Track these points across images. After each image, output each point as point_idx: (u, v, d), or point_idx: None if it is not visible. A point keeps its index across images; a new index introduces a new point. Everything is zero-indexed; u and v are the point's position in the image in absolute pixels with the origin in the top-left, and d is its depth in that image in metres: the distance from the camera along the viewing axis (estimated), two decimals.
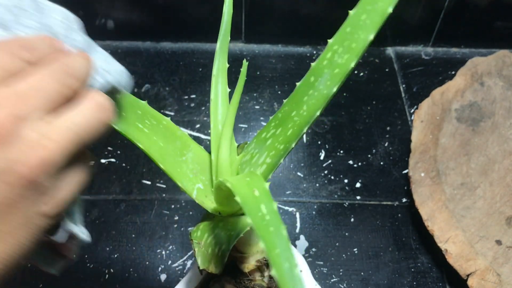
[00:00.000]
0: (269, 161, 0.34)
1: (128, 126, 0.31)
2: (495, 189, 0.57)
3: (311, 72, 0.31)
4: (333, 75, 0.30)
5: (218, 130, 0.36)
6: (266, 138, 0.34)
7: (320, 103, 0.31)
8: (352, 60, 0.29)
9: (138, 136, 0.31)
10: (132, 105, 0.31)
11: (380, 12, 0.28)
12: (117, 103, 0.29)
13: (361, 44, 0.29)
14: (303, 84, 0.32)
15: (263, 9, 0.75)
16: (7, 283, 0.22)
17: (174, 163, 0.34)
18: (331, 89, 0.30)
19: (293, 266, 0.20)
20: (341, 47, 0.29)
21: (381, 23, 0.28)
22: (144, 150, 0.31)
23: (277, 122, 0.34)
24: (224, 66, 0.37)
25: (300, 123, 0.32)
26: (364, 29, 0.28)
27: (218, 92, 0.37)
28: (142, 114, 0.32)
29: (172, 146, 0.34)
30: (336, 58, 0.30)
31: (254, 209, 0.23)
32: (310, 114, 0.31)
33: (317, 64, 0.31)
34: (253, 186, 0.25)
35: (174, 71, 0.76)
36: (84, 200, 0.61)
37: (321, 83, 0.31)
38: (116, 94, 0.28)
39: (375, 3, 0.28)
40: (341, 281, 0.55)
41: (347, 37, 0.29)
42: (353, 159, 0.66)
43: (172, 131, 0.34)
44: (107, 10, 0.75)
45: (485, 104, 0.64)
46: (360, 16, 0.29)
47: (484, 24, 0.77)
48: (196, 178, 0.35)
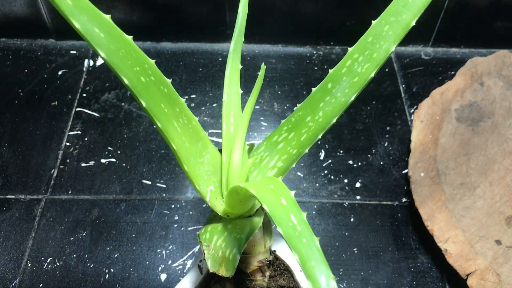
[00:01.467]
0: (280, 165, 0.34)
1: (168, 124, 0.30)
2: (495, 189, 0.57)
3: (329, 79, 0.31)
4: (352, 84, 0.30)
5: (230, 132, 0.36)
6: (277, 141, 0.34)
7: (337, 110, 0.31)
8: (372, 70, 0.29)
9: (173, 135, 0.30)
10: (174, 102, 0.31)
11: (404, 25, 0.28)
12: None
13: (383, 54, 0.29)
14: (319, 90, 0.32)
15: (263, 9, 0.75)
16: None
17: (195, 165, 0.33)
18: (350, 97, 0.30)
19: (329, 279, 0.20)
20: (362, 55, 0.30)
21: (404, 35, 0.28)
22: (176, 150, 0.31)
23: (290, 126, 0.33)
24: (237, 68, 0.37)
25: (315, 129, 0.32)
26: (386, 40, 0.29)
27: (231, 94, 0.37)
28: (179, 112, 0.31)
29: (195, 147, 0.33)
30: (356, 66, 0.30)
31: (284, 219, 0.22)
32: (326, 121, 0.31)
33: (335, 71, 0.31)
34: (279, 194, 0.24)
35: (174, 71, 0.76)
36: (85, 200, 0.61)
37: (339, 90, 0.31)
38: None
39: (399, 15, 0.28)
40: (341, 281, 0.55)
41: (368, 47, 0.29)
42: (353, 159, 0.66)
43: (198, 131, 0.34)
44: (107, 10, 0.75)
45: (485, 104, 0.64)
46: (383, 27, 0.29)
47: (484, 24, 0.77)
48: (209, 180, 0.35)
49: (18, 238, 0.58)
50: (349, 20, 0.75)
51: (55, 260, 0.56)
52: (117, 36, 0.26)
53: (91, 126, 0.68)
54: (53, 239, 0.57)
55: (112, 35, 0.26)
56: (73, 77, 0.75)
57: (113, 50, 0.26)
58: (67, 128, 0.68)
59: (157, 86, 0.29)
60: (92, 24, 0.25)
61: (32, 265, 0.55)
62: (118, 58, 0.26)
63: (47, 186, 0.62)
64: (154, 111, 0.28)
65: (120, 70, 0.26)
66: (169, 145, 0.30)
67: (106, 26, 0.25)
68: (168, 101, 0.30)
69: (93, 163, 0.65)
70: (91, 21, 0.25)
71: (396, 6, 0.29)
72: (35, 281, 0.54)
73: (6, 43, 0.79)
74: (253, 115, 0.71)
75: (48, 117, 0.70)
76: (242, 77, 0.74)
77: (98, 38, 0.25)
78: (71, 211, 0.60)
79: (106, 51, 0.25)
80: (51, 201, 0.61)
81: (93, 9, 0.25)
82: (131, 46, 0.27)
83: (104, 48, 0.25)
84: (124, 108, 0.71)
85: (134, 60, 0.27)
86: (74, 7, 0.24)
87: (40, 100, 0.72)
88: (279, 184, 0.25)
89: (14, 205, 0.60)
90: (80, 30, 0.24)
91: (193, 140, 0.33)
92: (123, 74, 0.26)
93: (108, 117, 0.70)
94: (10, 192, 0.62)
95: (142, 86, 0.27)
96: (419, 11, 0.29)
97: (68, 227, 0.58)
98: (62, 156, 0.65)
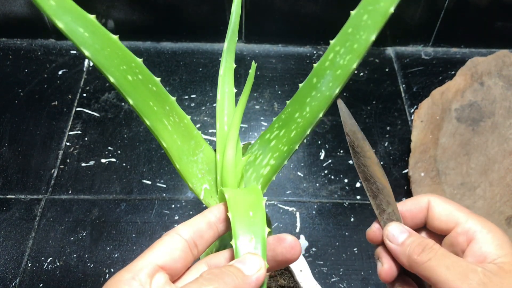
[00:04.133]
0: (273, 163, 0.34)
1: (157, 122, 0.30)
2: (495, 189, 0.57)
3: (314, 74, 0.31)
4: (336, 77, 0.30)
5: (224, 131, 0.36)
6: (269, 139, 0.34)
7: (322, 104, 0.31)
8: (354, 61, 0.29)
9: (163, 133, 0.31)
10: (163, 100, 0.31)
11: (382, 12, 0.28)
12: None
13: (363, 44, 0.29)
14: (305, 85, 0.32)
15: (263, 9, 0.75)
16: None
17: (188, 163, 0.33)
18: (334, 90, 0.30)
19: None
20: (343, 47, 0.29)
21: (383, 23, 0.28)
22: (167, 148, 0.31)
23: (281, 124, 0.33)
24: (231, 66, 0.37)
25: (303, 125, 0.32)
26: (366, 30, 0.28)
27: (224, 93, 0.37)
28: (169, 111, 0.31)
29: (187, 145, 0.33)
30: (338, 59, 0.30)
31: (244, 233, 0.25)
32: (313, 116, 0.31)
33: (319, 65, 0.31)
34: (250, 208, 0.26)
35: (174, 71, 0.76)
36: (85, 200, 0.61)
37: (324, 84, 0.31)
38: None
39: (376, 3, 0.28)
40: (341, 280, 0.55)
41: (349, 38, 0.29)
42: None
43: (190, 130, 0.34)
44: (107, 10, 0.75)
45: (485, 104, 0.64)
46: (361, 17, 0.28)
47: (484, 24, 0.77)
48: (203, 178, 0.35)
49: (18, 238, 0.57)
50: None
51: (55, 260, 0.56)
52: (102, 35, 0.26)
53: (91, 126, 0.68)
54: (53, 239, 0.57)
55: (96, 35, 0.26)
56: (73, 77, 0.75)
57: (98, 49, 0.26)
58: (67, 128, 0.68)
59: (145, 84, 0.29)
60: (76, 24, 0.25)
61: (32, 265, 0.55)
62: (103, 57, 0.26)
63: (47, 186, 0.62)
64: (142, 109, 0.29)
65: (105, 69, 0.26)
66: (159, 143, 0.31)
67: (91, 26, 0.26)
68: (157, 99, 0.30)
69: (93, 163, 0.65)
70: (75, 21, 0.25)
71: None
72: (35, 281, 0.54)
73: (6, 43, 0.79)
74: (253, 115, 0.71)
75: (48, 117, 0.70)
76: (242, 77, 0.74)
77: (83, 38, 0.25)
78: (71, 211, 0.60)
79: (91, 50, 0.26)
80: (51, 201, 0.61)
81: (77, 9, 0.25)
82: (117, 45, 0.27)
83: (88, 47, 0.26)
84: (124, 108, 0.71)
85: (120, 59, 0.27)
86: (58, 7, 0.24)
87: (40, 100, 0.72)
88: (257, 195, 0.27)
89: (14, 205, 0.60)
90: (64, 30, 0.24)
91: (185, 139, 0.33)
92: (108, 73, 0.26)
93: (108, 117, 0.70)
94: (10, 192, 0.62)
95: (129, 84, 0.28)
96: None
97: (68, 227, 0.58)
98: (62, 156, 0.65)
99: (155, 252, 0.25)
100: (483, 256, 0.27)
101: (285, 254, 0.27)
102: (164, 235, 0.26)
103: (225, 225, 0.28)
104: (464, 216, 0.29)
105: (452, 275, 0.26)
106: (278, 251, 0.27)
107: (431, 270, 0.27)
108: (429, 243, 0.28)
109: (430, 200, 0.31)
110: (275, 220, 0.60)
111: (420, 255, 0.27)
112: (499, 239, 0.27)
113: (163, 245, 0.25)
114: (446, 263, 0.26)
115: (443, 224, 0.30)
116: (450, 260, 0.27)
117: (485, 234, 0.28)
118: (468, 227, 0.28)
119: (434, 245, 0.28)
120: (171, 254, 0.25)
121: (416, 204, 0.31)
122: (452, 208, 0.30)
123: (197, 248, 0.27)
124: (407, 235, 0.29)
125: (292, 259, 0.27)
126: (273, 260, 0.27)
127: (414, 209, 0.31)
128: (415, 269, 0.28)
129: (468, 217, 0.29)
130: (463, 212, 0.29)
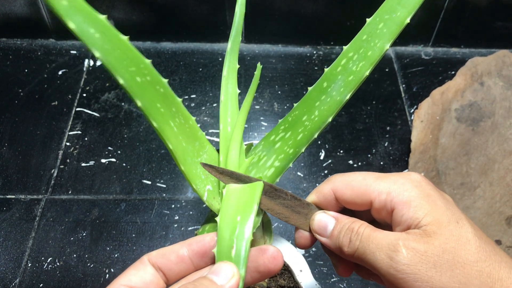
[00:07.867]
0: (277, 165, 0.34)
1: (164, 124, 0.30)
2: (495, 189, 0.57)
3: (324, 78, 0.31)
4: (347, 82, 0.30)
5: (227, 132, 0.36)
6: (275, 141, 0.34)
7: (332, 109, 0.31)
8: (367, 68, 0.29)
9: (169, 135, 0.30)
10: (170, 102, 0.31)
11: (398, 22, 0.28)
12: None
13: (377, 52, 0.29)
14: (315, 89, 0.32)
15: (263, 9, 0.75)
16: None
17: (192, 165, 0.33)
18: (345, 96, 0.30)
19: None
20: (357, 54, 0.30)
21: (398, 32, 0.28)
22: (172, 150, 0.31)
23: (287, 126, 0.33)
24: (234, 67, 0.37)
25: (311, 128, 0.32)
26: (381, 38, 0.29)
27: (228, 93, 0.37)
28: (175, 112, 0.31)
29: (192, 146, 0.33)
30: (351, 65, 0.30)
31: (225, 238, 0.25)
32: (322, 120, 0.31)
33: (331, 70, 0.31)
34: (240, 211, 0.26)
35: (174, 71, 0.76)
36: (85, 200, 0.61)
37: (334, 89, 0.31)
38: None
39: (393, 12, 0.28)
40: (341, 280, 0.55)
41: (363, 45, 0.29)
42: (353, 159, 0.66)
43: (195, 131, 0.34)
44: (107, 10, 0.75)
45: (485, 104, 0.64)
46: (377, 25, 0.29)
47: (484, 24, 0.77)
48: (206, 179, 0.35)
49: (18, 238, 0.57)
50: (349, 20, 0.75)
51: (55, 260, 0.56)
52: (112, 36, 0.26)
53: (91, 126, 0.68)
54: (53, 239, 0.57)
55: (107, 35, 0.26)
56: (73, 77, 0.75)
57: (108, 50, 0.26)
58: (67, 128, 0.68)
59: (153, 86, 0.29)
60: (87, 25, 0.25)
61: (32, 265, 0.55)
62: (114, 58, 0.26)
63: (47, 186, 0.62)
64: (149, 111, 0.28)
65: (115, 70, 0.26)
66: (165, 144, 0.30)
67: (102, 26, 0.25)
68: (164, 100, 0.30)
69: (93, 163, 0.64)
70: (86, 21, 0.25)
71: (391, 3, 0.29)
72: (35, 281, 0.54)
73: (6, 43, 0.79)
74: (253, 115, 0.71)
75: (48, 117, 0.70)
76: (242, 77, 0.74)
77: (93, 38, 0.25)
78: (71, 211, 0.60)
79: (101, 51, 0.25)
80: (51, 201, 0.61)
81: (88, 9, 0.25)
82: (127, 46, 0.27)
83: (99, 48, 0.25)
84: (124, 108, 0.71)
85: (129, 60, 0.27)
86: (69, 8, 0.24)
87: (40, 100, 0.72)
88: (250, 200, 0.28)
89: (14, 205, 0.60)
90: (75, 31, 0.24)
91: (190, 140, 0.33)
92: (118, 74, 0.26)
93: (108, 117, 0.70)
94: (10, 192, 0.62)
95: (138, 86, 0.27)
96: (414, 8, 0.28)
97: (68, 227, 0.58)
98: (62, 156, 0.65)
99: (127, 276, 0.26)
100: (406, 224, 0.26)
101: (268, 264, 0.27)
102: (137, 261, 0.27)
103: (204, 262, 0.28)
104: (376, 190, 0.27)
105: (380, 261, 0.25)
106: (261, 262, 0.27)
107: (362, 258, 0.26)
108: (354, 227, 0.27)
109: (332, 189, 0.30)
110: (275, 220, 0.60)
111: (349, 246, 0.27)
112: (415, 199, 0.26)
113: (134, 269, 0.26)
114: (371, 248, 0.26)
115: (360, 206, 0.29)
116: (374, 243, 0.26)
117: (400, 200, 0.26)
118: (383, 200, 0.27)
119: (359, 228, 0.27)
120: (142, 278, 0.26)
121: (322, 196, 0.30)
122: (359, 185, 0.28)
123: (167, 279, 0.27)
124: (334, 222, 0.29)
125: (275, 270, 0.27)
126: (256, 271, 0.27)
127: (325, 201, 0.30)
128: (353, 260, 0.27)
129: (378, 188, 0.27)
130: (372, 185, 0.28)
